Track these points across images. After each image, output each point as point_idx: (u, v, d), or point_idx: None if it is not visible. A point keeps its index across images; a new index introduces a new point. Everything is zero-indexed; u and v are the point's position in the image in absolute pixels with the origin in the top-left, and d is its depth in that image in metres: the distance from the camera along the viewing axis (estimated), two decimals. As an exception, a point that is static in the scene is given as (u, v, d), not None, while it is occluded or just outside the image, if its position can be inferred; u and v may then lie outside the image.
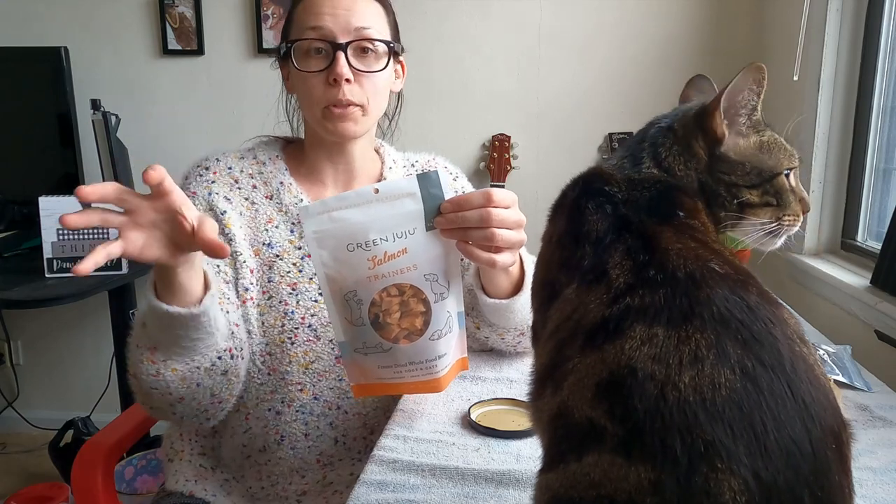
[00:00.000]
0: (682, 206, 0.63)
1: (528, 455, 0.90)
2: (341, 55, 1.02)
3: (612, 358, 0.52)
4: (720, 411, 0.48)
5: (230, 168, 1.10)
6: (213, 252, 0.74)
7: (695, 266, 0.55)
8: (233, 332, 0.97)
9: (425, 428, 0.97)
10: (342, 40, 1.03)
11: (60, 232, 1.88)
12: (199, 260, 0.85)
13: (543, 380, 0.60)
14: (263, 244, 1.07)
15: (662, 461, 0.48)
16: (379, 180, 1.17)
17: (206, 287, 0.88)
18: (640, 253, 0.58)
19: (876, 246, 1.68)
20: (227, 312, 0.98)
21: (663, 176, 0.66)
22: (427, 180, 0.83)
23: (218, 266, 1.04)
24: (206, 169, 1.10)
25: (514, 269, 1.03)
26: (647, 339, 0.52)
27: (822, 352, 1.19)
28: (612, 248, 0.59)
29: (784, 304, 0.57)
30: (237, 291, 1.05)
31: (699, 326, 0.51)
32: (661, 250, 0.57)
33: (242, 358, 0.99)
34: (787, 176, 0.68)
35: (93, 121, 2.25)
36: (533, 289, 0.71)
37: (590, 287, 0.58)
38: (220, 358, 0.93)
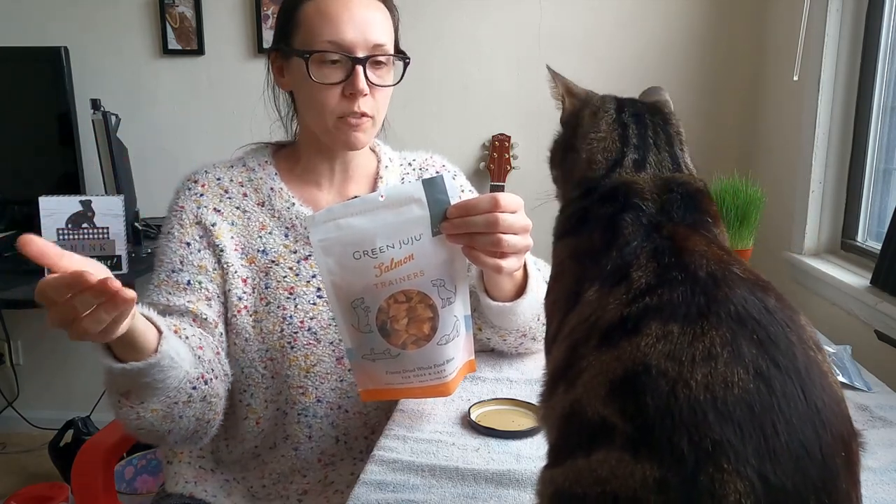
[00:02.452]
0: (709, 213, 0.64)
1: (528, 455, 0.90)
2: (360, 70, 1.01)
3: (628, 355, 0.52)
4: (731, 411, 0.47)
5: (219, 179, 1.10)
6: (121, 296, 0.67)
7: (717, 267, 0.55)
8: (199, 357, 0.95)
9: (425, 428, 0.97)
10: (361, 54, 1.02)
11: (60, 232, 1.88)
12: (134, 311, 0.77)
13: (556, 380, 0.59)
14: (258, 251, 1.07)
15: (669, 460, 0.47)
16: (376, 179, 1.16)
17: (158, 331, 0.85)
18: (667, 255, 0.57)
19: (876, 246, 1.67)
20: (187, 338, 0.95)
21: (690, 178, 0.67)
22: (433, 186, 0.83)
23: (200, 283, 1.03)
24: (195, 182, 1.09)
25: (518, 273, 1.02)
26: (662, 335, 0.51)
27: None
28: (639, 250, 0.59)
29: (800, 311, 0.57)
30: (229, 302, 1.05)
31: (715, 324, 0.51)
32: (687, 252, 0.57)
33: (216, 377, 0.97)
34: None
35: (93, 121, 2.25)
36: (553, 302, 0.69)
37: (611, 289, 0.58)
38: (195, 388, 0.92)
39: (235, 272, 1.05)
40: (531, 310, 1.07)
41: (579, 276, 0.63)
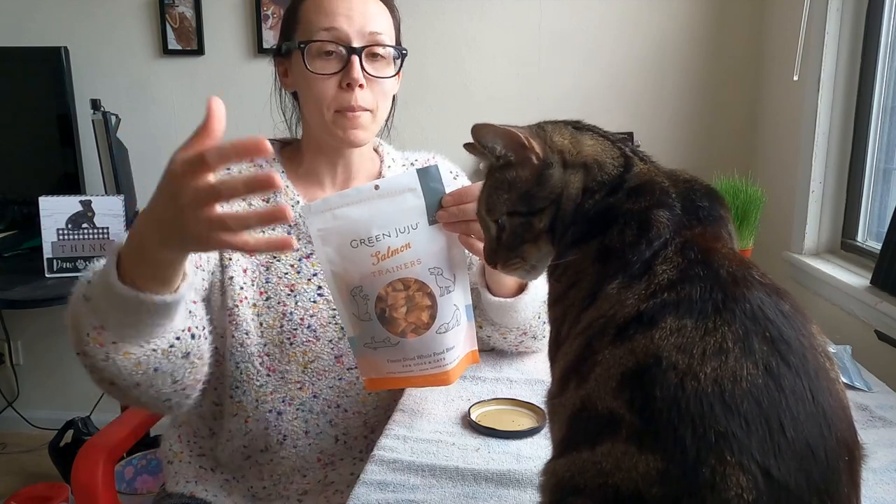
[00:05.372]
0: (727, 210, 0.64)
1: (528, 455, 0.89)
2: (356, 60, 1.01)
3: (641, 348, 0.52)
4: (738, 404, 0.47)
5: (228, 171, 1.10)
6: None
7: (737, 268, 0.55)
8: (191, 311, 0.88)
9: (425, 428, 0.97)
10: (357, 44, 1.02)
11: (60, 232, 1.88)
12: None
13: (567, 376, 0.59)
14: None
15: (672, 451, 0.47)
16: (378, 179, 1.16)
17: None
18: (693, 252, 0.57)
19: (876, 246, 1.67)
20: None
21: (691, 174, 0.67)
22: (427, 175, 0.84)
23: None
24: None
25: None
26: (676, 329, 0.51)
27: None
28: (669, 244, 0.58)
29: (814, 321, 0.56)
30: (232, 291, 1.04)
31: (728, 320, 0.51)
32: (713, 251, 0.57)
33: (205, 338, 0.91)
34: None
35: (93, 121, 2.25)
36: (565, 308, 0.65)
37: (632, 283, 0.57)
38: (178, 339, 0.84)
39: (237, 260, 1.05)
40: (532, 307, 1.07)
41: (600, 277, 0.61)
